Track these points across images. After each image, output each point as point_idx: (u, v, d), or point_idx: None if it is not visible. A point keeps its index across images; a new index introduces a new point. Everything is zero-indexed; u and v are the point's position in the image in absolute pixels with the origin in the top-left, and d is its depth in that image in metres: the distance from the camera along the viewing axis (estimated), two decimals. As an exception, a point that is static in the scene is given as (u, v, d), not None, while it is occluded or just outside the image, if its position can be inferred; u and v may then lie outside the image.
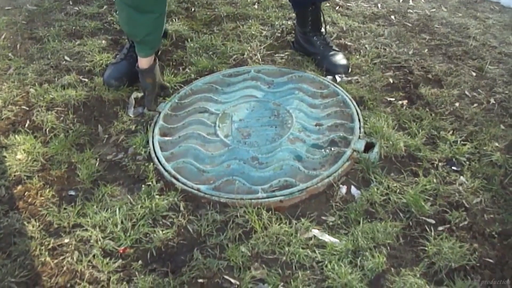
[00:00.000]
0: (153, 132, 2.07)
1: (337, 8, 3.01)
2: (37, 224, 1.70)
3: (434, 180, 1.82)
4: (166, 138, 2.05)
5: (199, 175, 1.88)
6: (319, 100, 2.19)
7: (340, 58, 2.41)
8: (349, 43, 2.63)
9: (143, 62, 2.12)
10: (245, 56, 2.53)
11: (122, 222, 1.69)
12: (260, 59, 2.51)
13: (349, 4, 3.05)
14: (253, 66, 2.44)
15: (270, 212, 1.71)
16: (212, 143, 2.01)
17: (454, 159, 1.92)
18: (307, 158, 1.91)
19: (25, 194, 1.82)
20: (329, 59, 2.41)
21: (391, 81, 2.33)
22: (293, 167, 1.87)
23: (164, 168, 1.90)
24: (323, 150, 1.94)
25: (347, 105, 2.14)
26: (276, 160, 1.90)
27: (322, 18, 2.50)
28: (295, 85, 2.28)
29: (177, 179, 1.85)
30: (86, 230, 1.68)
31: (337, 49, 2.49)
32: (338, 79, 2.34)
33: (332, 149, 1.92)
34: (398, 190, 1.79)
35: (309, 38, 2.50)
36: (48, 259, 1.59)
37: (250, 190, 1.79)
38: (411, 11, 2.98)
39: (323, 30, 2.52)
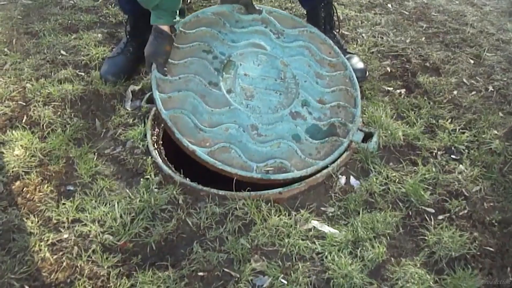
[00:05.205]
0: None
1: (334, -3, 2.99)
2: (36, 219, 1.70)
3: (433, 169, 1.82)
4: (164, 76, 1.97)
5: (195, 131, 1.85)
6: (326, 70, 2.12)
7: (356, 62, 2.28)
8: (346, 32, 2.62)
9: (165, 27, 1.99)
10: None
11: (121, 217, 1.69)
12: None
13: (345, -7, 3.04)
14: (266, 7, 2.30)
15: (269, 204, 1.71)
16: (213, 96, 1.95)
17: (453, 148, 1.92)
18: (305, 140, 1.89)
19: (24, 190, 1.81)
20: None
21: (389, 70, 2.33)
22: (290, 148, 1.86)
23: (161, 114, 1.86)
24: (321, 134, 1.92)
25: (353, 84, 2.07)
26: (275, 136, 1.89)
27: (335, 16, 2.40)
28: (305, 43, 2.18)
29: (173, 133, 1.83)
30: (85, 225, 1.67)
31: (352, 51, 2.37)
32: None
33: (331, 136, 1.91)
34: (397, 180, 1.78)
35: None
36: (47, 254, 1.58)
37: (245, 165, 1.78)
38: (408, -1, 2.97)
39: (336, 30, 2.42)
